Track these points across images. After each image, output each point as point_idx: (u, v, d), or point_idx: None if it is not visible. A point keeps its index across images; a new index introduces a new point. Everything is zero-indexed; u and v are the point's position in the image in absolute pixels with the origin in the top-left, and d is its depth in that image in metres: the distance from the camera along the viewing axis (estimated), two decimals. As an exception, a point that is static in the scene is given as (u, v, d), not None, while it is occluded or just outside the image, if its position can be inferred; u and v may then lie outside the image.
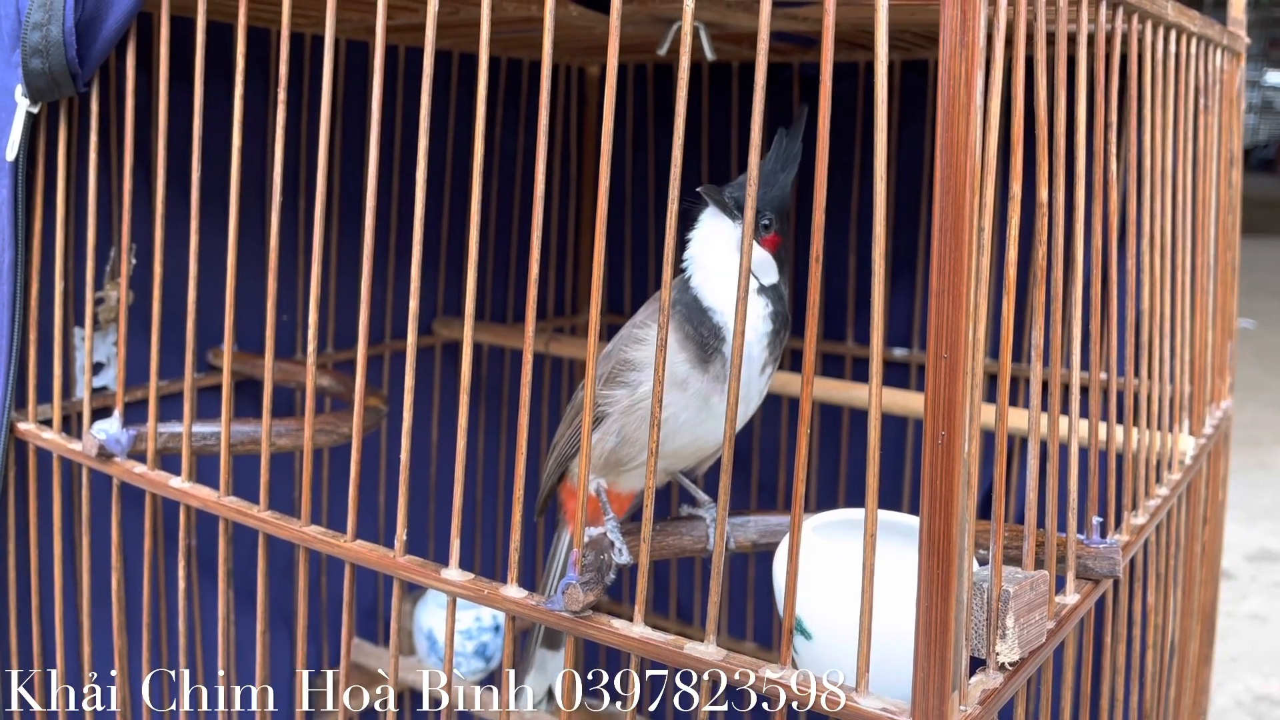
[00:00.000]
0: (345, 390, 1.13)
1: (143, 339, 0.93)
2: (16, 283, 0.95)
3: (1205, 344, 1.01)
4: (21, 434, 0.98)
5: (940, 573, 0.53)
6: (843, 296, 1.41)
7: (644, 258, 1.57)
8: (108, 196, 1.07)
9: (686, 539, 0.85)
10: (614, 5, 0.62)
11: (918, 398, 1.18)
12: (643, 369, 0.80)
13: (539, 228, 0.66)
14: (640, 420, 0.80)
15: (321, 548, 0.78)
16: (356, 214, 1.32)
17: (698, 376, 0.78)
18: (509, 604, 0.70)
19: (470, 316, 0.70)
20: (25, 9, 0.88)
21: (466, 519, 1.52)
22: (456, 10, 1.04)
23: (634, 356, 0.81)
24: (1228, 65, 1.05)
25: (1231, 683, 2.18)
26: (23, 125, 0.92)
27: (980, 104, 0.51)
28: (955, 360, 0.52)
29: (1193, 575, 1.03)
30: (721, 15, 0.99)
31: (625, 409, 0.81)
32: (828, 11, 0.54)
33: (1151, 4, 0.76)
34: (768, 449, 1.47)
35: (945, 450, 0.52)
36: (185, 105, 0.87)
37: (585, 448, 0.66)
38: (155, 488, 0.89)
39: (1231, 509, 2.91)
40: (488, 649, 1.38)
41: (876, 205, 0.54)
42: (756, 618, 1.51)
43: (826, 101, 0.56)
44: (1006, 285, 0.58)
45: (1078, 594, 0.69)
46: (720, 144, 1.47)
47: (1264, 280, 6.80)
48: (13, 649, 1.00)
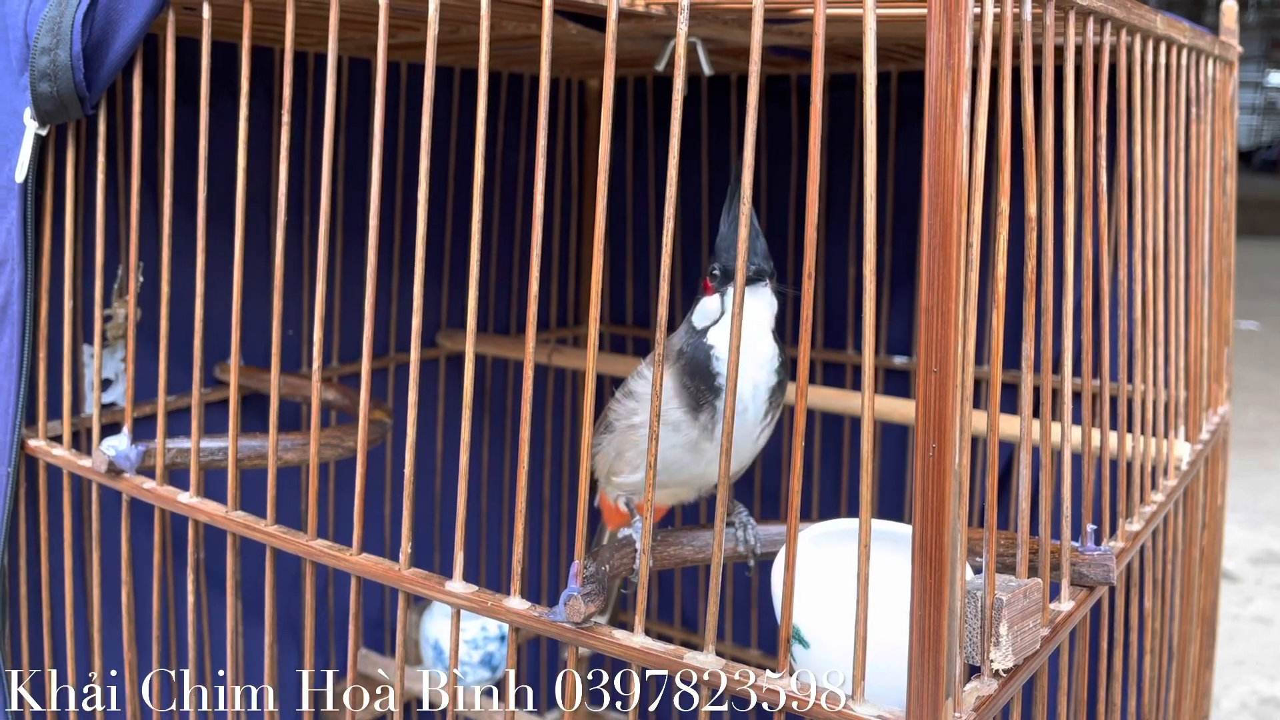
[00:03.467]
0: (350, 404, 1.14)
1: (150, 355, 0.95)
2: (26, 301, 0.96)
3: (1201, 350, 1.02)
4: (32, 450, 0.99)
5: (933, 581, 0.54)
6: (842, 306, 1.42)
7: (645, 270, 1.58)
8: (115, 216, 1.09)
9: (688, 549, 0.86)
10: (609, 26, 0.64)
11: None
12: (640, 401, 0.85)
13: (538, 242, 0.67)
14: (634, 443, 0.85)
15: (328, 561, 0.79)
16: (360, 229, 1.34)
17: (688, 423, 0.82)
18: (512, 615, 0.71)
19: (472, 330, 0.71)
20: (33, 34, 0.89)
21: (471, 531, 1.54)
22: (457, 29, 1.05)
23: (635, 389, 0.86)
24: (1220, 74, 1.06)
25: (1237, 685, 2.18)
26: (31, 147, 0.93)
27: (967, 125, 0.52)
28: (945, 374, 0.53)
29: (1191, 580, 1.03)
30: (718, 31, 1.01)
31: (623, 430, 0.86)
32: (817, 35, 0.55)
33: (1140, 18, 0.77)
34: (770, 458, 1.48)
35: (936, 462, 0.53)
36: (191, 125, 0.88)
37: (585, 448, 0.68)
38: (164, 503, 0.90)
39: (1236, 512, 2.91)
40: (494, 658, 1.39)
41: (866, 223, 0.55)
42: (761, 626, 1.52)
43: (817, 124, 0.57)
44: (996, 299, 0.59)
45: (1072, 601, 0.70)
46: (720, 156, 1.49)
47: (1268, 282, 6.79)
48: (25, 662, 1.02)
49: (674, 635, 1.58)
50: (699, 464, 0.83)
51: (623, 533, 0.85)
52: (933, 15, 0.51)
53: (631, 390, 0.86)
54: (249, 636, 1.15)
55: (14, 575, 1.01)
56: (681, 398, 0.82)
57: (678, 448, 0.82)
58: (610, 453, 0.88)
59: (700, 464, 0.83)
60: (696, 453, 0.83)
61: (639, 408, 0.85)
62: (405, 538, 0.74)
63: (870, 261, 0.56)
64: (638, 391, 0.86)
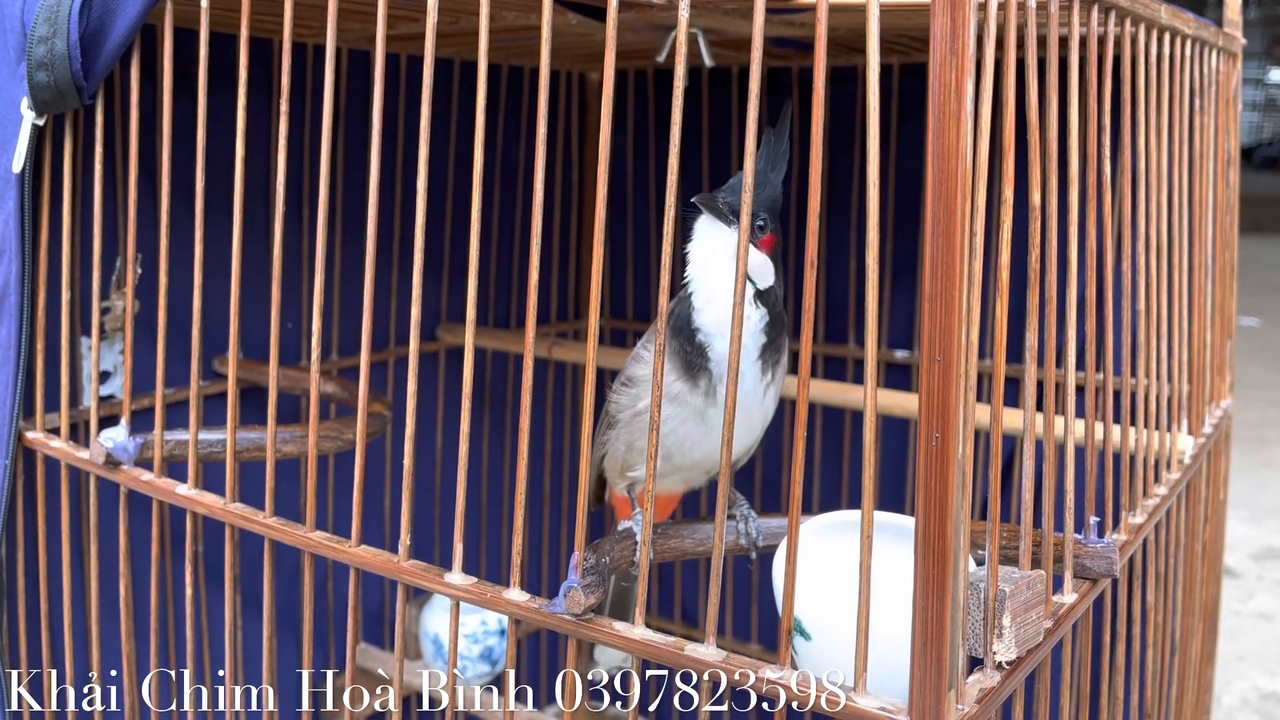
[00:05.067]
0: (350, 397, 1.14)
1: (149, 347, 0.94)
2: (24, 293, 0.96)
3: (1204, 344, 1.02)
4: (29, 443, 0.99)
5: (936, 573, 0.54)
6: (844, 299, 1.42)
7: (646, 263, 1.57)
8: (113, 207, 1.08)
9: (688, 541, 0.85)
10: (610, 16, 0.63)
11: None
12: (641, 385, 0.83)
13: (538, 235, 0.67)
14: (643, 431, 0.82)
15: (326, 553, 0.79)
16: (360, 221, 1.33)
17: (689, 392, 0.80)
18: (511, 607, 0.70)
19: (471, 322, 0.70)
20: (30, 23, 0.89)
21: (471, 523, 1.53)
22: (457, 19, 1.05)
23: (635, 373, 0.84)
24: (1224, 66, 1.06)
25: (1239, 681, 2.18)
26: (29, 138, 0.93)
27: (971, 111, 0.51)
28: (949, 364, 0.52)
29: (1194, 574, 1.03)
30: (719, 22, 1.00)
31: (629, 420, 0.84)
32: (820, 20, 0.55)
33: (1144, 8, 0.77)
34: (771, 450, 1.47)
35: (940, 452, 0.53)
36: (189, 116, 0.88)
37: (585, 440, 0.67)
38: (162, 495, 0.90)
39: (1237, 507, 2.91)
40: (493, 652, 1.39)
41: (870, 212, 0.55)
42: (761, 619, 1.51)
43: (820, 111, 0.56)
44: (1000, 289, 0.59)
45: (1075, 593, 0.70)
46: (720, 148, 1.48)
47: (1269, 278, 6.79)
48: (22, 655, 1.01)
49: (674, 630, 1.58)
50: (709, 437, 0.81)
51: (623, 525, 0.84)
52: (937, 1, 0.51)
53: (631, 376, 0.84)
54: (248, 630, 1.15)
55: (11, 568, 1.00)
56: (674, 364, 0.80)
57: (687, 422, 0.80)
58: (620, 448, 0.86)
59: (711, 437, 0.81)
60: (704, 423, 0.80)
61: (641, 393, 0.83)
62: (404, 530, 0.74)
63: (873, 251, 0.55)
64: (637, 376, 0.84)
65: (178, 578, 1.15)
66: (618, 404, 0.85)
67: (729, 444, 0.62)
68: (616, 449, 0.86)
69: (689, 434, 0.81)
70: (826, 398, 1.27)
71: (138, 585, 0.98)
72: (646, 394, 0.82)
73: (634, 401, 0.84)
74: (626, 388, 0.85)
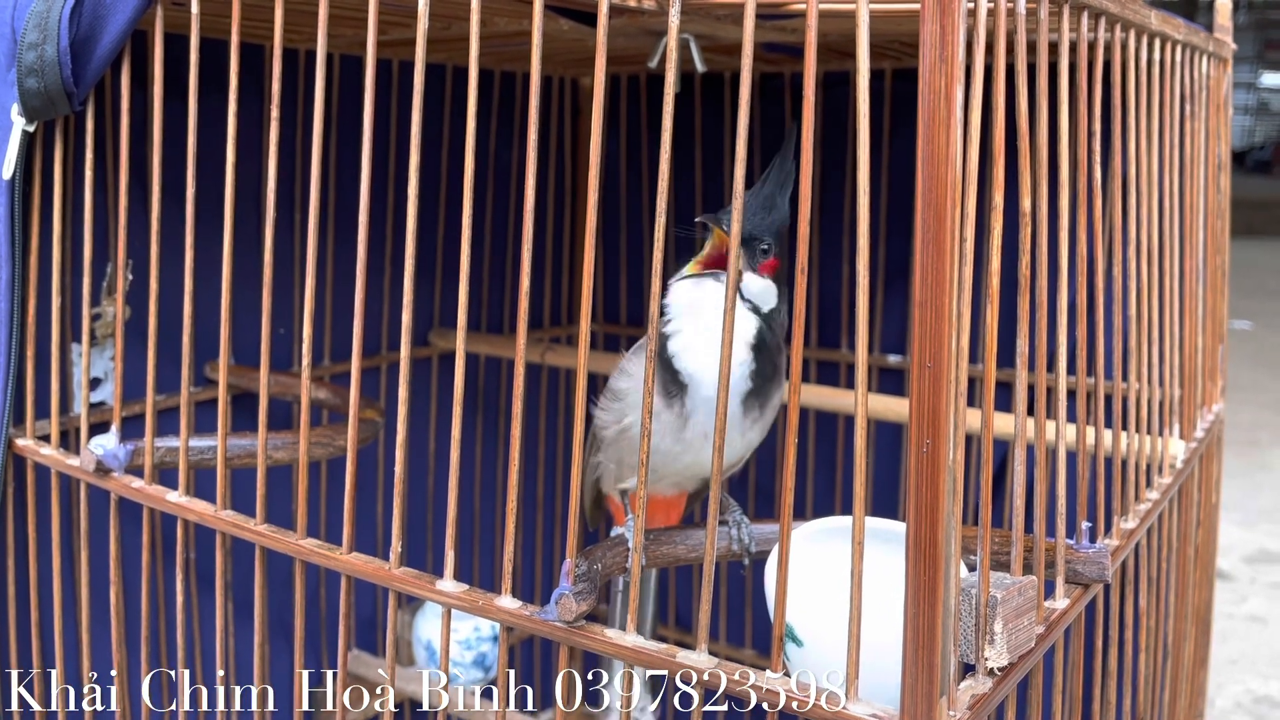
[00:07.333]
0: (342, 403, 1.13)
1: (139, 354, 0.94)
2: (14, 299, 0.96)
3: (1195, 348, 1.02)
4: (20, 450, 0.98)
5: (927, 579, 0.54)
6: (837, 305, 1.42)
7: (639, 268, 1.57)
8: (104, 213, 1.08)
9: (681, 547, 0.85)
10: (601, 21, 0.63)
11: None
12: (624, 399, 0.83)
13: (529, 240, 0.67)
14: (630, 448, 0.84)
15: (318, 560, 0.79)
16: (351, 227, 1.33)
17: (664, 409, 0.80)
18: (503, 615, 0.70)
19: (463, 328, 0.70)
20: (20, 29, 0.89)
21: (464, 530, 1.53)
22: (448, 25, 1.04)
23: (619, 386, 0.85)
24: (1214, 71, 1.06)
25: (1232, 685, 2.18)
26: (19, 144, 0.93)
27: (960, 117, 0.51)
28: (939, 370, 0.52)
29: (1186, 578, 1.03)
30: (711, 28, 1.00)
31: (615, 437, 0.85)
32: (810, 26, 0.55)
33: (1134, 13, 0.77)
34: (764, 456, 1.47)
35: (930, 458, 0.53)
36: (180, 121, 0.87)
37: (577, 446, 0.67)
38: (153, 502, 0.89)
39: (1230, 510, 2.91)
40: (486, 659, 1.39)
41: (860, 218, 0.55)
42: (755, 625, 1.51)
43: (810, 117, 0.56)
44: (990, 294, 0.59)
45: (1067, 599, 0.70)
46: (713, 154, 1.48)
47: (1262, 282, 6.80)
48: (13, 661, 1.01)
49: (668, 635, 1.58)
50: (687, 453, 0.82)
51: (616, 531, 0.84)
52: (926, 7, 0.51)
53: (615, 390, 0.84)
54: (240, 638, 1.14)
55: (1, 576, 1.00)
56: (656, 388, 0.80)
57: (665, 438, 0.81)
58: (611, 466, 0.87)
59: (689, 453, 0.82)
60: (680, 442, 0.81)
61: (625, 408, 0.84)
62: (396, 537, 0.74)
63: (864, 257, 0.55)
64: (620, 389, 0.84)
65: (169, 585, 1.15)
66: (602, 420, 0.85)
67: (720, 451, 0.62)
68: (609, 467, 0.87)
69: (668, 449, 0.82)
70: (819, 403, 1.27)
71: (129, 592, 0.97)
72: (630, 410, 0.83)
73: (619, 417, 0.84)
74: (611, 403, 0.85)
